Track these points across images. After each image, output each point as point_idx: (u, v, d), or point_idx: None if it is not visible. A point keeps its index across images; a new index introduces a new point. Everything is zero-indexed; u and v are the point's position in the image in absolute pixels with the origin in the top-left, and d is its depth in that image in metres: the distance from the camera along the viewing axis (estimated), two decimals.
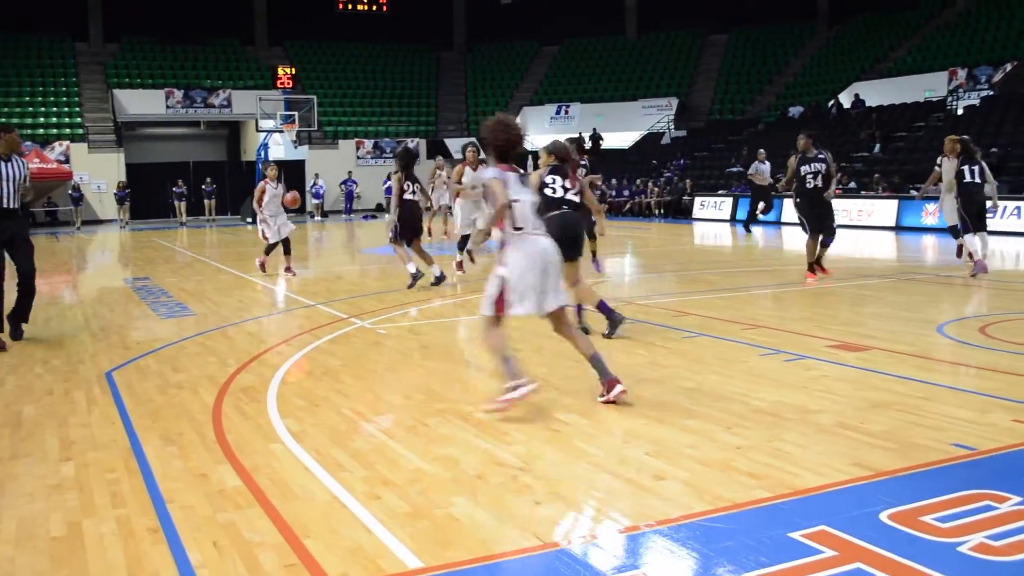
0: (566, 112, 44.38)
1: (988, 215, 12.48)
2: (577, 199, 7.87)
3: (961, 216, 12.24)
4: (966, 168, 12.10)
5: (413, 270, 11.82)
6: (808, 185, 11.67)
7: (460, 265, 13.39)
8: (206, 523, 4.03)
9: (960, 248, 13.35)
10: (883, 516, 3.84)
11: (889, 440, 4.95)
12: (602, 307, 8.17)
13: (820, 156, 11.66)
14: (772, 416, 5.53)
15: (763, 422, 5.40)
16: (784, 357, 7.29)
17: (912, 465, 4.53)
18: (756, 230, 22.99)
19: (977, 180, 11.99)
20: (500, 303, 5.72)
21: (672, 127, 41.31)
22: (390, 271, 13.94)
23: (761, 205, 22.99)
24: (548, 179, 7.77)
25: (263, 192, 14.16)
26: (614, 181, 33.84)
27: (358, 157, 42.36)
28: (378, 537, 3.82)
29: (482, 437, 5.24)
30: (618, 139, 41.99)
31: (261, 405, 6.14)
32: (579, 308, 8.36)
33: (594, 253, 9.65)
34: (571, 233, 7.71)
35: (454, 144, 42.67)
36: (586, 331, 8.08)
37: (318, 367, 7.42)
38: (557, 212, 7.67)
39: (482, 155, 10.69)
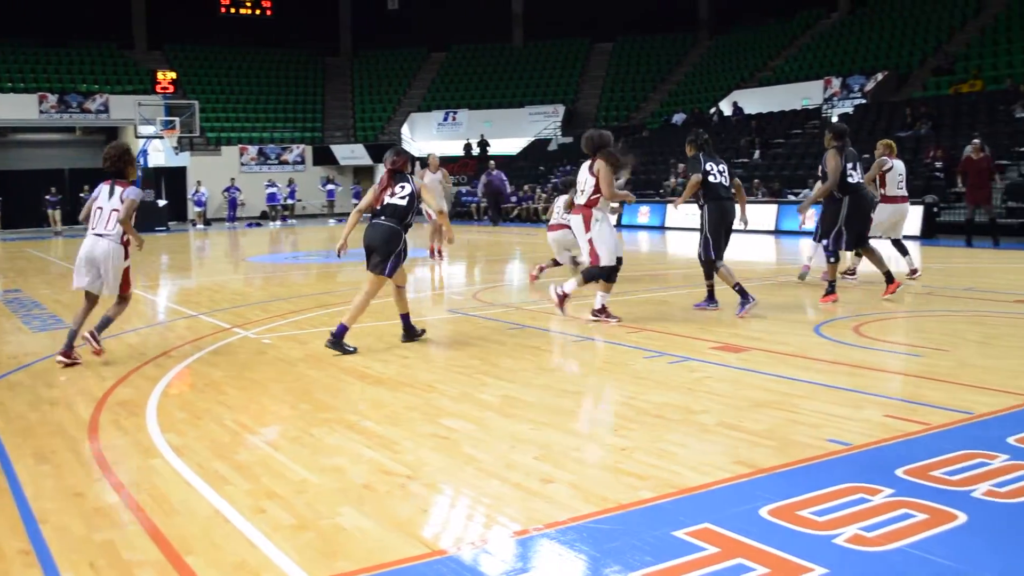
0: (453, 118, 44.40)
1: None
2: (403, 203, 7.92)
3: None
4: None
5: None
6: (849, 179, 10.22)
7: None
8: (82, 543, 3.88)
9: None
10: (763, 512, 3.95)
11: (769, 438, 5.09)
12: (340, 330, 7.96)
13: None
14: (657, 417, 5.62)
15: (648, 423, 5.49)
16: (668, 359, 7.43)
17: (791, 461, 4.67)
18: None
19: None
20: None
21: (559, 134, 41.74)
22: (274, 280, 13.69)
23: None
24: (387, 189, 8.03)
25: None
26: None
27: (241, 164, 41.50)
28: (262, 551, 3.74)
29: (369, 446, 5.19)
30: (506, 145, 42.23)
31: (140, 419, 5.94)
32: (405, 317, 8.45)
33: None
34: (373, 244, 7.90)
35: (341, 151, 42.27)
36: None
37: (200, 379, 7.24)
38: (372, 222, 7.99)
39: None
